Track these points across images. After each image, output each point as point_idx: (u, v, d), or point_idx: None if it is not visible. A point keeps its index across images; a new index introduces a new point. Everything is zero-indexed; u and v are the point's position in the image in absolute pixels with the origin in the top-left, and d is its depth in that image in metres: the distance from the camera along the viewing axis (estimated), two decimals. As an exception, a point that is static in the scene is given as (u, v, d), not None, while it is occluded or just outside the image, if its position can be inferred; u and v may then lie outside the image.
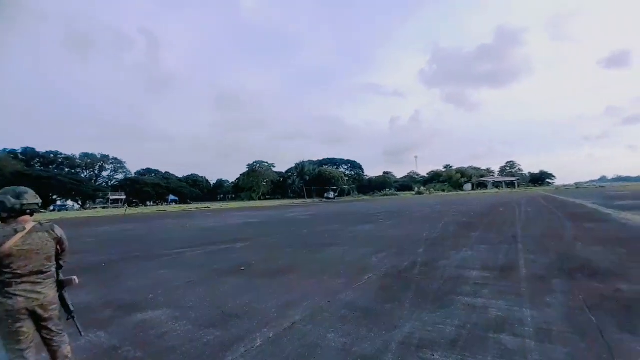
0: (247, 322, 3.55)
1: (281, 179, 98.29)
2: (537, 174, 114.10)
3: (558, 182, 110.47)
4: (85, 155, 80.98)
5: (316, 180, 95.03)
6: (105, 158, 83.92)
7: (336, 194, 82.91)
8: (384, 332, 3.15)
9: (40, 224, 2.20)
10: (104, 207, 62.69)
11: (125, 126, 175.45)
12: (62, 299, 2.29)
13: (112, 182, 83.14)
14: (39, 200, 2.25)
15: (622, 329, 2.98)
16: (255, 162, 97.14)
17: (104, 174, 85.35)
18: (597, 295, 3.96)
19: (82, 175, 77.50)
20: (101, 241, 12.33)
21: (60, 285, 2.30)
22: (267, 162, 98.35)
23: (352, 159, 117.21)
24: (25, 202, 2.13)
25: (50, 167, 71.08)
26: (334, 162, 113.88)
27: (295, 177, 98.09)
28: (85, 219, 30.04)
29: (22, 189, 2.19)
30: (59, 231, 2.25)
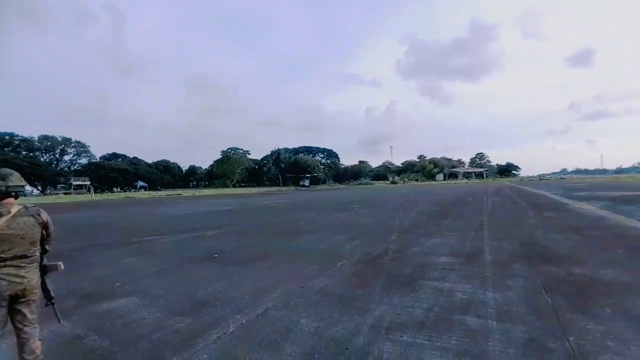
0: (220, 309, 3.51)
1: (256, 167, 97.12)
2: (504, 165, 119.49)
3: (523, 173, 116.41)
4: (45, 137, 75.82)
5: (292, 168, 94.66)
6: (67, 141, 79.03)
7: (309, 182, 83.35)
8: (356, 316, 3.23)
9: (26, 207, 2.11)
10: (66, 193, 59.38)
11: (88, 109, 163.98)
12: (43, 285, 2.21)
13: (75, 167, 78.72)
14: (24, 183, 2.16)
15: (575, 310, 3.22)
16: (229, 148, 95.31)
17: (66, 158, 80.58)
18: (553, 278, 4.24)
19: (42, 159, 72.76)
20: (64, 228, 11.69)
21: (44, 271, 2.22)
22: (242, 149, 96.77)
23: (328, 147, 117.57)
24: (10, 184, 2.05)
25: (6, 149, 66.10)
26: (310, 151, 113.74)
27: (270, 164, 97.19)
28: (47, 205, 28.37)
29: (7, 170, 2.10)
30: (44, 216, 2.17)
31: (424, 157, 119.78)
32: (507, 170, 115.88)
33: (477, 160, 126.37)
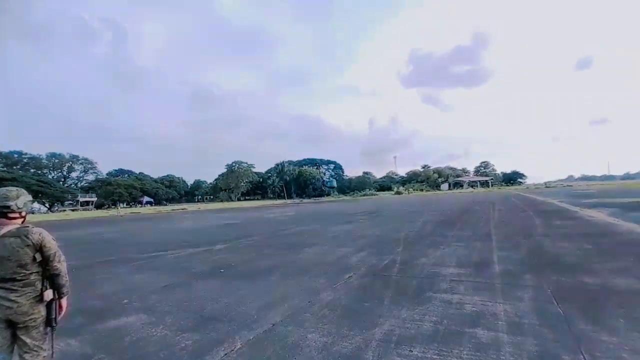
0: (227, 325, 3.50)
1: (261, 180, 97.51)
2: (509, 173, 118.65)
3: (529, 181, 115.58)
4: (53, 155, 77.11)
5: (296, 180, 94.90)
6: (74, 158, 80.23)
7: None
8: (364, 330, 3.19)
9: (20, 228, 2.03)
10: (73, 210, 59.96)
11: (93, 125, 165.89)
12: (48, 309, 2.11)
13: (81, 184, 79.72)
14: (12, 203, 2.02)
15: (587, 320, 3.15)
16: (234, 162, 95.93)
17: (73, 174, 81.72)
18: (564, 288, 4.17)
19: (50, 177, 73.74)
20: (71, 245, 11.77)
21: (44, 296, 2.09)
22: (246, 162, 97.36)
23: (332, 159, 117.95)
24: None
25: (14, 167, 67.14)
26: (314, 163, 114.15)
27: (275, 177, 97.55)
28: (53, 222, 28.60)
29: (1, 190, 2.05)
30: (35, 237, 2.01)
31: (428, 167, 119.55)
32: (512, 178, 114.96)
33: (482, 168, 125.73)
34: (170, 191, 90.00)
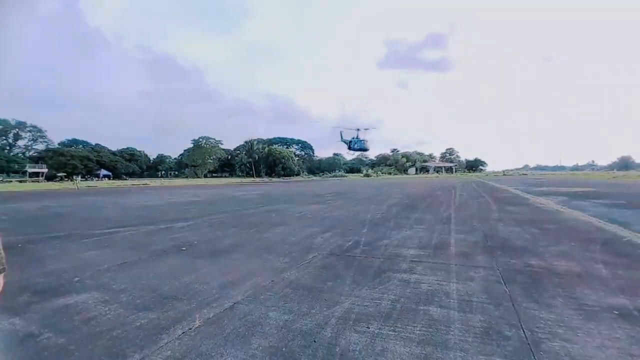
0: (186, 304, 3.42)
1: (229, 157, 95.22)
2: (472, 160, 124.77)
3: (489, 168, 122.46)
4: (-4, 120, 70.26)
5: (266, 159, 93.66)
6: (21, 125, 73.53)
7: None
8: (325, 308, 3.26)
9: None
10: (21, 181, 55.46)
11: (43, 90, 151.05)
12: None
13: (30, 153, 73.68)
14: None
15: (530, 299, 3.42)
16: (200, 137, 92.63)
17: (20, 143, 75.15)
18: (512, 269, 4.48)
19: (-7, 144, 67.31)
20: (18, 219, 10.94)
21: None
22: (214, 138, 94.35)
23: (302, 139, 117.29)
24: None
25: (-50, 132, 60.49)
26: (285, 142, 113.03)
27: (243, 155, 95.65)
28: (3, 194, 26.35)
29: None
30: None
31: (397, 151, 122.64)
32: (474, 165, 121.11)
33: (447, 155, 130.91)
34: (131, 165, 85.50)
